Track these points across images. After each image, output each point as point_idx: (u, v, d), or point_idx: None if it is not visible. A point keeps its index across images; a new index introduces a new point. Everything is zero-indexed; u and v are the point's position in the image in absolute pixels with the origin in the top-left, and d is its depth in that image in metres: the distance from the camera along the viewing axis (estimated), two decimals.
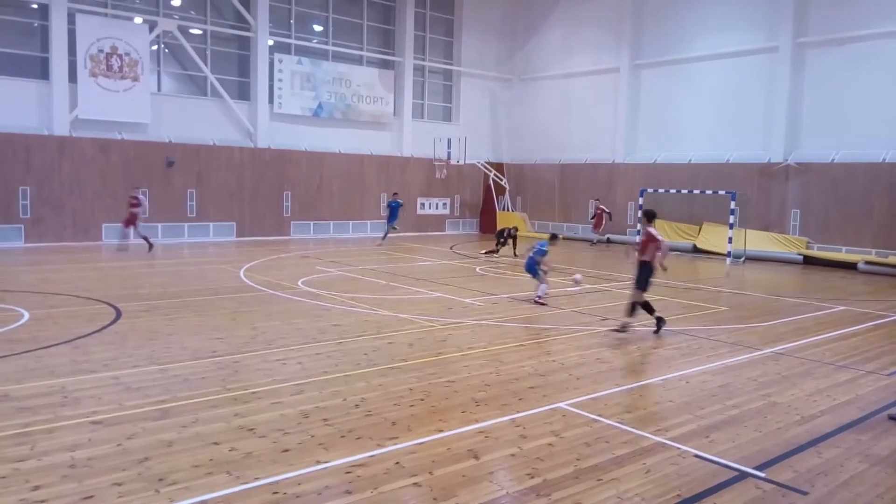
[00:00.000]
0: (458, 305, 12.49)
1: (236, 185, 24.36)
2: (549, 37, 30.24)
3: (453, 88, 30.99)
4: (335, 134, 26.89)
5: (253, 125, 24.81)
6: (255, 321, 10.61)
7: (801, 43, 22.33)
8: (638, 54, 26.99)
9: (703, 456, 5.72)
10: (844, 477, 5.41)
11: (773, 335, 10.70)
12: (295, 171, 25.59)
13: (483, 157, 30.41)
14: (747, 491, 5.10)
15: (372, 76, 27.72)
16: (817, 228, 22.05)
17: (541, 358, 8.83)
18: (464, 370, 8.16)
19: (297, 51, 26.15)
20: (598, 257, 22.01)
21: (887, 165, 20.41)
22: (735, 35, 23.96)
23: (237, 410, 6.50)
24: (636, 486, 5.10)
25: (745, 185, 23.13)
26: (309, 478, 5.08)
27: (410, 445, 5.75)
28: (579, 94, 29.18)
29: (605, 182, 27.86)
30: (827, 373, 8.54)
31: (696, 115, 25.09)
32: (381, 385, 7.45)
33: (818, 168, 21.95)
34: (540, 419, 6.52)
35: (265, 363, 8.24)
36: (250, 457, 5.42)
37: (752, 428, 6.45)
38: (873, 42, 20.77)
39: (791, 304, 13.86)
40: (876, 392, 7.77)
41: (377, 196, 27.83)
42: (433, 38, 30.05)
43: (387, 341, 9.54)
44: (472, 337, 9.94)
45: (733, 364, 8.86)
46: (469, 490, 4.95)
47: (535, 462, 5.49)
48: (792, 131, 22.70)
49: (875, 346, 10.08)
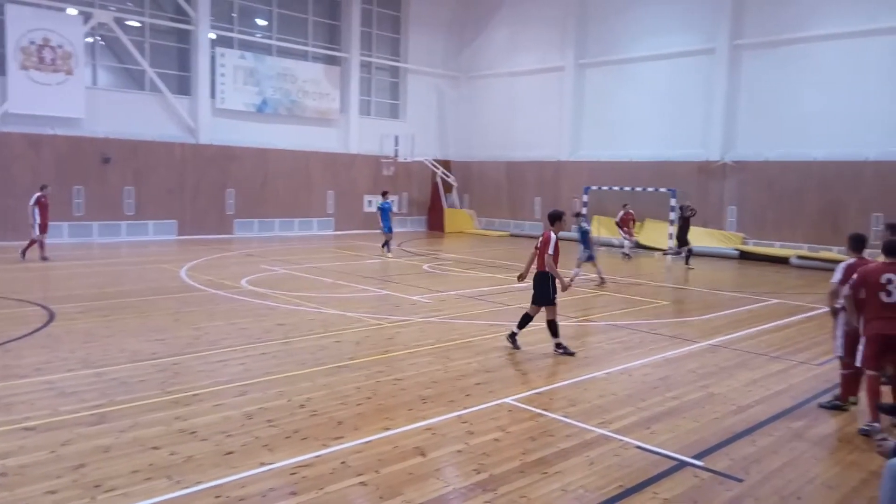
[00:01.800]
0: (405, 303, 12.48)
1: (177, 183, 23.73)
2: (496, 35, 30.45)
3: (400, 85, 30.89)
4: (280, 130, 26.46)
5: (194, 121, 24.21)
6: (196, 322, 10.37)
7: (738, 45, 23.07)
8: (582, 53, 27.43)
9: (645, 447, 5.86)
10: (777, 464, 5.63)
11: (711, 328, 11.04)
12: (238, 167, 25.08)
13: (430, 155, 30.42)
14: (686, 479, 5.25)
15: (317, 72, 27.39)
16: (753, 224, 22.84)
17: (488, 354, 8.90)
18: (411, 368, 8.16)
19: (239, 45, 25.62)
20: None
21: (818, 164, 21.29)
22: (675, 36, 24.59)
23: (178, 413, 6.34)
24: (580, 478, 5.19)
25: (685, 183, 23.77)
26: (253, 480, 4.99)
27: (357, 444, 5.72)
28: (525, 92, 29.47)
29: (551, 180, 28.24)
30: (761, 364, 8.86)
31: (639, 114, 25.65)
32: (327, 384, 7.38)
33: (753, 166, 22.74)
34: (486, 415, 6.57)
35: (207, 364, 8.06)
36: (191, 460, 5.30)
37: (690, 418, 6.65)
38: (804, 45, 21.61)
39: (728, 297, 14.32)
40: (807, 381, 8.10)
41: (323, 193, 27.53)
42: (380, 34, 29.88)
43: (333, 340, 9.46)
44: (419, 334, 9.95)
45: (673, 357, 9.11)
46: (415, 487, 4.95)
47: (482, 457, 5.53)
48: (729, 130, 23.45)
49: (807, 338, 10.51)
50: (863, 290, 6.46)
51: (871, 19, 20.20)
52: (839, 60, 20.85)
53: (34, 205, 16.76)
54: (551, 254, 8.92)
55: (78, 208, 21.75)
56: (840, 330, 6.95)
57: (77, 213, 21.75)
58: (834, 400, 7.17)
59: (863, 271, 6.51)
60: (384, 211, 19.94)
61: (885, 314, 6.32)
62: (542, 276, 9.07)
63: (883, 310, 6.33)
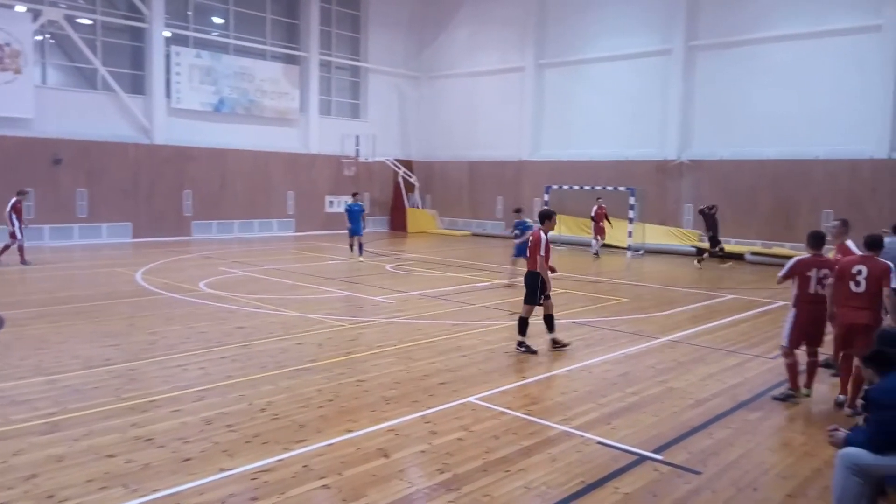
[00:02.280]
0: (368, 304, 12.41)
1: (132, 184, 23.19)
2: (456, 35, 30.51)
3: (361, 85, 30.72)
4: (238, 130, 26.05)
5: (149, 120, 23.69)
6: (153, 326, 10.15)
7: (693, 46, 23.54)
8: (542, 54, 27.66)
9: (606, 442, 5.94)
10: (734, 456, 5.75)
11: (670, 324, 11.24)
12: (195, 168, 24.63)
13: (392, 155, 30.33)
14: (646, 473, 5.33)
15: (276, 71, 27.06)
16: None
17: (451, 354, 8.90)
18: (374, 369, 8.11)
19: (195, 43, 25.15)
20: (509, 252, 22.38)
21: (771, 162, 21.85)
22: (633, 38, 24.96)
23: (134, 420, 6.20)
24: (542, 475, 5.23)
25: (644, 182, 24.17)
26: (212, 486, 4.91)
27: (319, 447, 5.66)
28: (486, 92, 29.59)
29: (513, 179, 28.41)
30: (718, 358, 9.05)
31: (598, 113, 25.97)
32: (288, 387, 7.30)
33: (708, 165, 23.22)
34: (450, 414, 6.57)
35: (164, 370, 7.89)
36: (148, 468, 5.18)
37: (650, 413, 6.75)
38: (756, 46, 22.16)
39: (686, 293, 14.60)
40: (762, 375, 8.30)
41: (283, 194, 27.21)
42: (339, 33, 29.66)
43: (295, 342, 9.35)
44: (382, 335, 9.90)
45: (633, 353, 9.24)
46: (379, 489, 4.93)
47: (445, 457, 5.53)
48: (685, 130, 23.90)
49: (761, 332, 10.77)
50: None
51: (820, 21, 20.82)
52: (789, 61, 21.44)
53: (10, 210, 16.53)
54: (542, 255, 8.96)
55: (28, 211, 21.01)
56: (788, 322, 7.34)
57: (27, 215, 21.00)
58: (787, 391, 7.38)
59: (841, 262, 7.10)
60: (354, 213, 19.00)
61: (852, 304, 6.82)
62: (532, 276, 9.11)
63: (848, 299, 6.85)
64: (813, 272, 7.20)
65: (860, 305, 6.78)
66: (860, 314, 6.76)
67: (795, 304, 7.31)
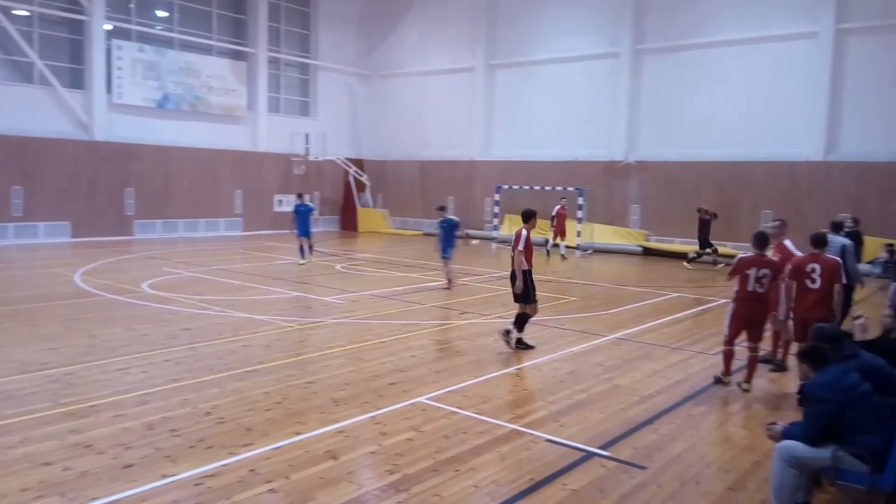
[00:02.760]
0: (317, 304, 12.27)
1: (71, 182, 22.38)
2: (407, 34, 30.42)
3: (311, 83, 30.34)
4: (184, 127, 25.41)
5: (89, 116, 22.89)
6: (93, 329, 9.82)
7: (640, 49, 24.03)
8: (493, 54, 27.81)
9: (554, 440, 6.00)
10: (678, 450, 5.89)
11: (617, 322, 11.45)
12: (139, 166, 23.92)
13: (343, 154, 30.05)
14: (593, 470, 5.42)
15: (223, 67, 26.50)
16: (655, 222, 23.85)
17: (401, 354, 8.87)
18: (323, 370, 8.03)
19: (138, 37, 24.42)
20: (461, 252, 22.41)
21: (713, 164, 22.47)
22: (582, 40, 25.33)
23: (72, 426, 5.98)
24: (492, 474, 5.26)
25: (592, 182, 24.56)
26: (154, 493, 4.77)
27: (266, 451, 5.57)
28: (437, 91, 29.60)
29: (465, 179, 28.49)
30: (663, 355, 9.26)
31: (548, 114, 26.26)
32: (235, 390, 7.15)
33: (654, 166, 23.75)
34: (400, 415, 6.55)
35: (105, 374, 7.64)
36: (87, 475, 5.01)
37: (597, 410, 6.86)
38: (700, 51, 22.76)
39: (632, 292, 14.90)
40: (704, 370, 8.53)
41: (231, 193, 26.68)
42: (288, 30, 29.24)
43: (242, 344, 9.18)
44: (331, 336, 9.80)
45: (581, 351, 9.38)
46: (327, 492, 4.87)
47: (395, 458, 5.51)
48: (632, 132, 24.38)
49: (703, 329, 11.07)
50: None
51: (761, 28, 21.52)
52: (732, 66, 22.10)
53: None
54: (521, 250, 8.98)
55: None
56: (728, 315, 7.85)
57: None
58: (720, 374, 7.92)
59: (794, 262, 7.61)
60: (302, 215, 17.67)
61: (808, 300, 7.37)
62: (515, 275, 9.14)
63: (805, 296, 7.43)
64: (752, 271, 7.54)
65: (816, 301, 7.26)
66: (816, 310, 7.19)
67: (735, 300, 7.77)
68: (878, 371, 4.95)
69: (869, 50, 19.96)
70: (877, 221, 19.09)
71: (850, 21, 20.12)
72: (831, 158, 20.51)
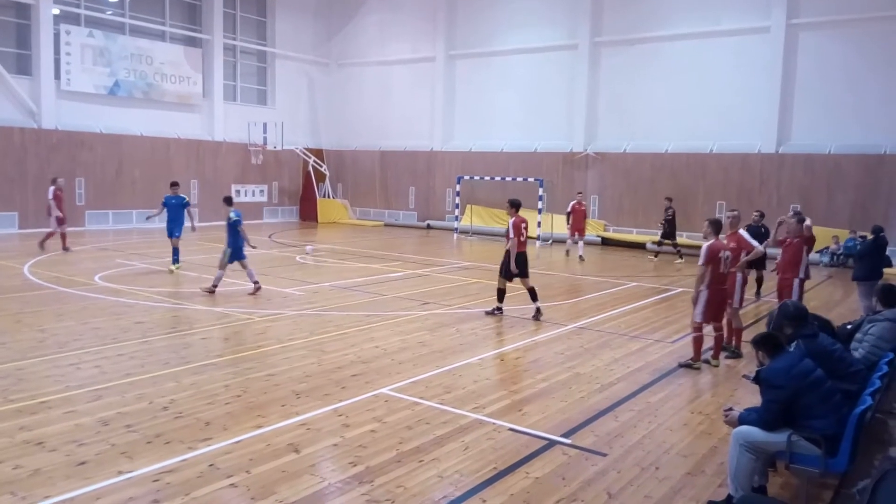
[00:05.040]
0: (277, 296, 12.10)
1: (17, 171, 21.58)
2: (366, 22, 30.09)
3: (268, 70, 29.79)
4: (136, 115, 24.71)
5: (36, 103, 22.08)
6: (42, 323, 9.50)
7: (597, 42, 24.23)
8: (452, 45, 27.72)
9: (517, 429, 6.04)
10: (637, 437, 5.99)
11: (577, 311, 11.58)
12: (89, 154, 23.20)
13: (301, 143, 29.64)
14: (555, 457, 5.47)
15: (177, 54, 25.83)
16: (613, 212, 24.18)
17: (363, 345, 8.81)
18: (284, 362, 7.92)
19: (87, 22, 23.62)
20: (422, 243, 22.42)
21: (669, 156, 22.86)
22: (541, 31, 25.42)
23: (22, 423, 5.78)
24: (455, 464, 5.27)
25: (552, 173, 24.74)
26: (109, 490, 4.65)
27: (226, 445, 5.47)
28: (398, 81, 29.39)
29: (425, 169, 28.41)
30: (622, 343, 9.40)
31: (507, 105, 26.33)
32: (193, 384, 7.01)
33: (612, 157, 24.04)
34: (362, 406, 6.51)
35: (56, 369, 7.40)
36: (39, 474, 4.85)
37: (559, 399, 6.93)
38: (656, 44, 23.08)
39: (592, 282, 15.08)
40: (663, 358, 8.69)
41: (186, 182, 26.04)
42: (244, 16, 28.64)
43: (199, 337, 9.00)
44: (292, 328, 9.68)
45: (542, 340, 9.46)
46: (289, 485, 4.81)
47: (358, 450, 5.47)
48: (590, 123, 24.61)
49: (661, 318, 11.27)
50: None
51: (715, 22, 21.92)
52: (687, 59, 22.46)
53: (52, 198, 16.99)
54: (513, 237, 10.53)
55: None
56: (701, 301, 8.10)
57: None
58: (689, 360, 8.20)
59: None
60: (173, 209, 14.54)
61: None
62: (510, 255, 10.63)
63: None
64: (722, 254, 8.08)
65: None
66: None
67: (708, 286, 8.06)
68: (832, 355, 5.11)
69: (818, 44, 20.51)
70: (824, 212, 19.71)
71: (800, 16, 20.63)
72: (783, 150, 21.06)
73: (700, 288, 8.07)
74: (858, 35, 19.91)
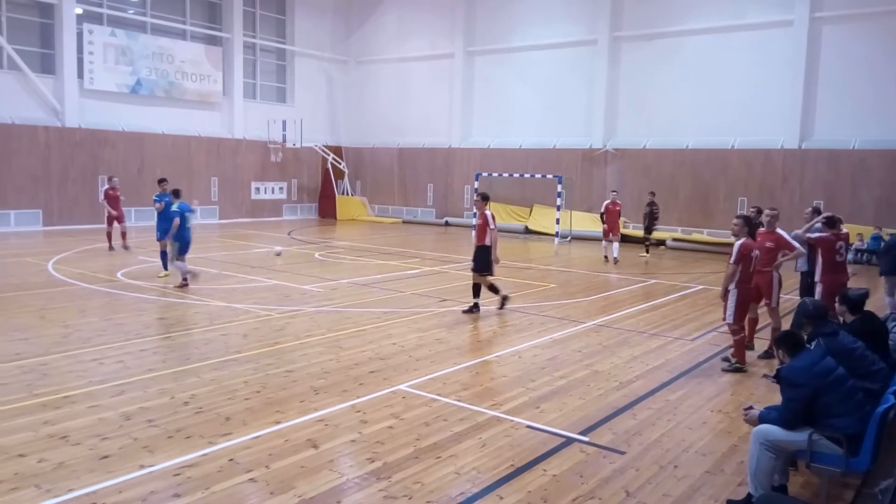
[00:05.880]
0: (295, 293, 12.18)
1: (42, 169, 21.93)
2: (385, 20, 30.14)
3: (287, 68, 29.97)
4: (157, 113, 24.98)
5: (60, 102, 22.41)
6: (66, 319, 9.66)
7: (617, 37, 24.06)
8: (471, 41, 27.68)
9: (534, 426, 6.03)
10: (656, 435, 5.95)
11: (596, 308, 11.52)
12: (111, 152, 23.49)
13: (320, 141, 29.79)
14: (573, 455, 5.45)
15: (198, 52, 26.06)
16: (632, 209, 23.94)
17: (381, 342, 8.85)
18: (302, 359, 7.98)
19: (109, 21, 23.92)
20: (440, 240, 22.44)
21: (690, 151, 22.65)
22: (559, 27, 25.29)
23: (47, 418, 5.88)
24: (473, 461, 5.27)
25: (571, 170, 24.62)
26: (132, 484, 4.71)
27: (245, 440, 5.53)
28: (416, 78, 29.41)
29: (443, 166, 28.42)
30: (641, 341, 9.34)
31: (526, 102, 26.24)
32: (213, 379, 7.08)
33: (632, 153, 23.87)
34: (380, 403, 6.54)
35: (79, 364, 7.52)
36: (63, 467, 4.93)
37: (576, 396, 6.91)
38: (677, 38, 22.86)
39: (611, 279, 15.00)
40: (682, 356, 8.62)
41: (207, 180, 26.33)
42: (264, 14, 28.82)
43: (219, 333, 9.09)
44: (310, 324, 9.74)
45: (560, 337, 9.43)
46: (308, 480, 4.85)
47: (376, 446, 5.50)
48: (610, 119, 24.45)
49: (681, 315, 11.18)
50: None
51: (737, 16, 21.66)
52: (708, 54, 22.22)
53: (103, 198, 17.44)
54: (493, 228, 10.57)
55: None
56: (731, 300, 7.95)
57: None
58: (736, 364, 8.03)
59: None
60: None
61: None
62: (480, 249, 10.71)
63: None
64: (753, 253, 8.02)
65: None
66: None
67: (737, 285, 7.93)
68: (853, 353, 5.04)
69: (842, 38, 20.19)
70: (849, 208, 19.40)
71: (824, 10, 20.33)
72: (805, 146, 20.77)
73: (729, 286, 7.92)
74: (883, 28, 19.57)
